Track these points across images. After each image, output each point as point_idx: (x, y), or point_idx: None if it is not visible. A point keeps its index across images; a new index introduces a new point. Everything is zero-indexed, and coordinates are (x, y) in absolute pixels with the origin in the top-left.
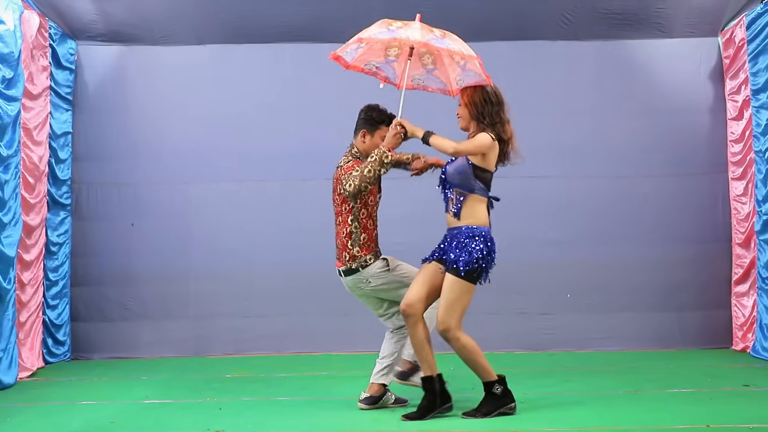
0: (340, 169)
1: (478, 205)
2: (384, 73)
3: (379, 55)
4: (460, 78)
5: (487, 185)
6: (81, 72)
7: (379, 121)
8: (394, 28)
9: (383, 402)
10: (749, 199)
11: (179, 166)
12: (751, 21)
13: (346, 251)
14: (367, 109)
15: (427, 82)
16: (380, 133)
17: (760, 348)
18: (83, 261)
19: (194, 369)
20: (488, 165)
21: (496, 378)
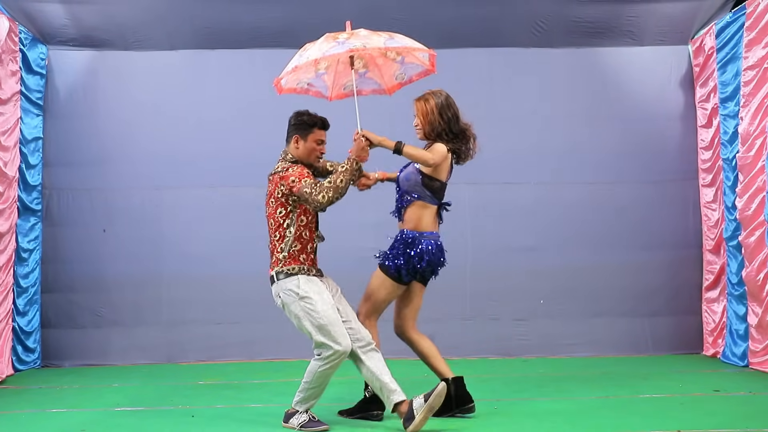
0: (278, 175)
1: (423, 211)
2: (315, 88)
3: (310, 71)
4: (399, 72)
5: (435, 193)
6: (52, 77)
7: (311, 125)
8: (344, 40)
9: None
10: (719, 206)
11: (151, 171)
12: (720, 29)
13: (276, 254)
14: (297, 115)
15: (360, 85)
16: (313, 136)
17: (729, 353)
18: (54, 267)
19: (166, 376)
20: (438, 175)
21: None
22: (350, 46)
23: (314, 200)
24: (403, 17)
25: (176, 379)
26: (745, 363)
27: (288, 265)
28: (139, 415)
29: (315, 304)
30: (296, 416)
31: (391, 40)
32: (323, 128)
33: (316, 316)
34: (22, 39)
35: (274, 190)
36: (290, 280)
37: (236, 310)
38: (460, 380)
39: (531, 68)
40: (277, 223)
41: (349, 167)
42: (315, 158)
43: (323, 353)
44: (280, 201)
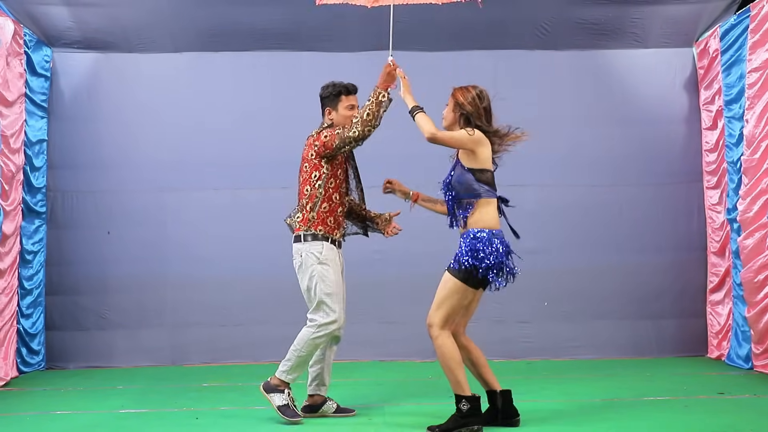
0: (310, 137)
1: (486, 208)
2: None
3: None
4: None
5: (490, 185)
6: (56, 79)
7: (337, 93)
8: None
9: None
10: (723, 208)
11: (155, 174)
12: (724, 32)
13: (304, 214)
14: (324, 88)
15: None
16: (342, 104)
17: (734, 356)
18: (58, 269)
19: (171, 378)
20: (483, 163)
21: (467, 394)
22: None
23: (347, 137)
24: (407, 19)
25: (180, 382)
26: (750, 365)
27: (316, 227)
28: (143, 417)
29: (329, 273)
30: (280, 395)
31: None
32: (350, 93)
33: (328, 283)
34: (26, 41)
35: (308, 152)
36: (315, 244)
37: (240, 313)
38: (507, 394)
39: (535, 70)
40: (309, 184)
41: (374, 97)
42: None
43: (319, 320)
44: (313, 162)
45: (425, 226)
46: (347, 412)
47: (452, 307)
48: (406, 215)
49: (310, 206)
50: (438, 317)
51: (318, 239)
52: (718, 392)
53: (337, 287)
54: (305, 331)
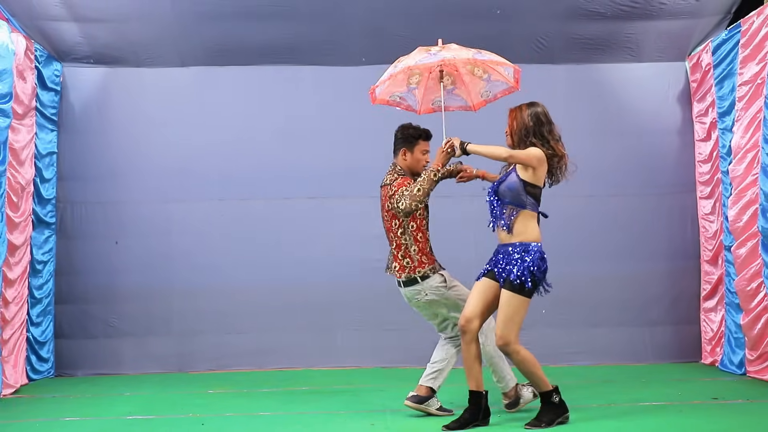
0: (388, 187)
1: (530, 221)
2: (406, 102)
3: (402, 85)
4: (485, 90)
5: (537, 200)
6: (66, 93)
7: (416, 137)
8: (436, 51)
9: (427, 405)
10: (717, 218)
11: (163, 185)
12: (716, 46)
13: (398, 262)
14: (403, 128)
15: (447, 102)
16: (419, 147)
17: (728, 362)
18: (67, 279)
19: (177, 385)
20: (537, 180)
21: (551, 388)
22: (442, 56)
23: (396, 207)
24: (408, 34)
25: (187, 388)
26: (743, 371)
27: (421, 267)
28: (150, 423)
29: (460, 287)
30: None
31: (479, 54)
32: (427, 139)
33: (463, 296)
34: (37, 56)
35: (385, 202)
36: (433, 279)
37: (245, 320)
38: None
39: (532, 84)
40: (394, 233)
41: (426, 176)
42: (422, 167)
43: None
44: (391, 213)
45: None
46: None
47: (520, 320)
48: None
49: (401, 255)
50: (512, 335)
51: (428, 275)
52: (712, 397)
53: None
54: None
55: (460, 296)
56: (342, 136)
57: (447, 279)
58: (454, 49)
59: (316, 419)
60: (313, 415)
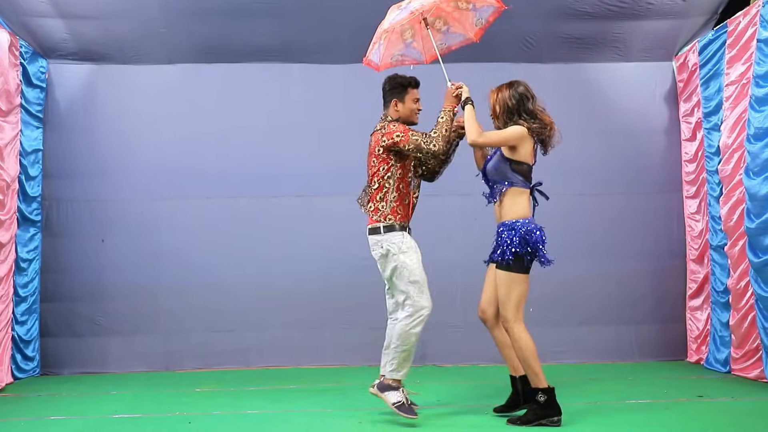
0: (378, 132)
1: (518, 197)
2: (410, 57)
3: (398, 43)
4: (477, 19)
5: (525, 177)
6: (52, 90)
7: (406, 85)
8: (405, 5)
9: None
10: (702, 217)
11: (149, 183)
12: (703, 46)
13: (374, 203)
14: (390, 80)
15: (448, 42)
16: (409, 96)
17: (713, 360)
18: (53, 277)
19: (164, 383)
20: (522, 157)
21: (544, 386)
22: (411, 7)
23: (429, 149)
24: None
25: (173, 387)
26: (728, 369)
27: (391, 218)
28: (137, 422)
29: (414, 261)
30: (395, 392)
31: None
32: (416, 86)
33: (413, 271)
34: (22, 53)
35: (375, 147)
36: (394, 234)
37: (232, 319)
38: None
39: None
40: (379, 177)
41: (448, 117)
42: (414, 116)
43: (407, 311)
44: (381, 157)
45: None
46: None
47: (519, 297)
48: None
49: (380, 196)
50: (510, 313)
51: (395, 230)
52: (697, 395)
53: (422, 273)
54: (399, 326)
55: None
56: (331, 134)
57: (405, 241)
58: None
59: (304, 417)
60: (300, 413)
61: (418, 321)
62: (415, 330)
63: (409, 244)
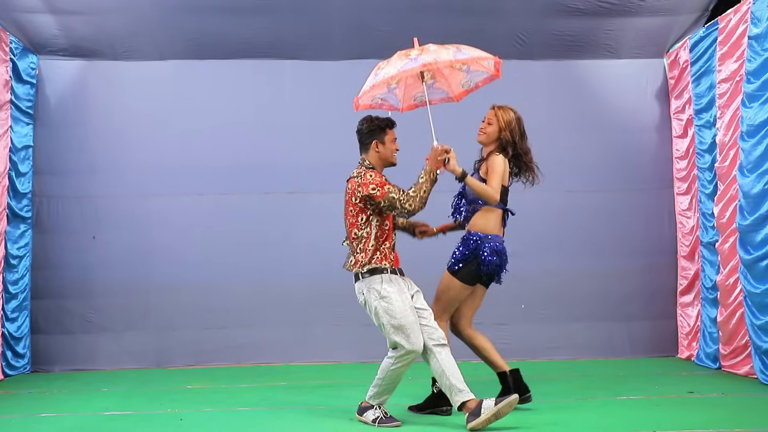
0: (354, 181)
1: (489, 215)
2: (388, 102)
3: (382, 87)
4: (466, 80)
5: (500, 198)
6: (42, 86)
7: (384, 127)
8: (414, 56)
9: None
10: (693, 214)
11: (141, 179)
12: (694, 44)
13: (354, 256)
14: (367, 122)
15: (429, 96)
16: (389, 137)
17: (703, 356)
18: (44, 274)
19: (155, 380)
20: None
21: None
22: (423, 61)
23: (403, 208)
24: (388, 29)
25: (165, 384)
26: (718, 365)
27: (371, 264)
28: (128, 419)
29: (394, 305)
30: (371, 411)
31: (459, 52)
32: (393, 127)
33: (394, 315)
34: (12, 49)
35: (351, 197)
36: (374, 279)
37: (224, 316)
38: (516, 372)
39: (512, 80)
40: (359, 227)
41: (429, 178)
42: (394, 157)
43: (396, 353)
44: (359, 207)
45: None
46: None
47: (448, 301)
48: None
49: (359, 248)
50: (437, 310)
51: (376, 273)
52: (687, 391)
53: (405, 315)
54: (386, 362)
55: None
56: (322, 131)
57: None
58: (433, 51)
59: (296, 414)
60: (292, 410)
61: (404, 363)
62: (398, 370)
63: (390, 289)
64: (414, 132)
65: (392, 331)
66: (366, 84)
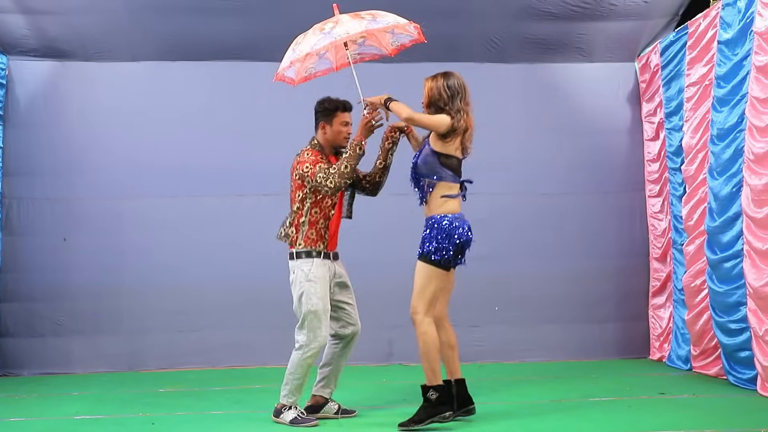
0: (298, 157)
1: (447, 192)
2: (322, 68)
3: (312, 58)
4: (393, 40)
5: (454, 171)
6: (12, 87)
7: (333, 109)
8: (329, 30)
9: (325, 411)
10: (665, 216)
11: (112, 181)
12: (664, 47)
13: (284, 228)
14: (319, 103)
15: (362, 51)
16: (337, 120)
17: (675, 357)
18: (13, 276)
19: (127, 384)
20: (450, 150)
21: (438, 383)
22: (335, 36)
23: (325, 186)
24: None
25: (137, 387)
26: (689, 366)
27: (306, 246)
28: (99, 423)
29: (317, 290)
30: (286, 412)
31: (374, 21)
32: (345, 110)
33: (313, 300)
34: None
35: (292, 172)
36: (306, 261)
37: (196, 318)
38: (462, 383)
39: (485, 83)
40: (296, 204)
41: (352, 152)
42: (343, 139)
43: (302, 341)
44: (297, 183)
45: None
46: (349, 413)
47: (433, 293)
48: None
49: (302, 223)
50: (420, 305)
51: (310, 256)
52: (659, 392)
53: (318, 304)
54: (294, 354)
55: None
56: (296, 132)
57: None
58: (346, 22)
59: (269, 417)
60: (266, 413)
61: (310, 354)
62: (307, 361)
63: (318, 273)
64: None
65: (305, 315)
66: (284, 60)
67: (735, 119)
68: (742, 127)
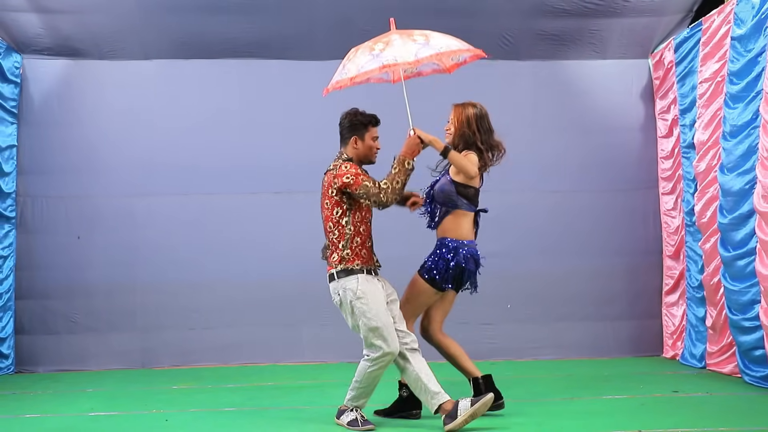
0: (330, 173)
1: (461, 219)
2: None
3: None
4: (453, 57)
5: (470, 200)
6: (26, 85)
7: (366, 123)
8: (378, 52)
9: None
10: (678, 214)
11: (126, 179)
12: (678, 44)
13: (338, 252)
14: (350, 116)
15: (420, 68)
16: (369, 134)
17: (688, 355)
18: (28, 274)
19: (141, 381)
20: (472, 182)
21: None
22: (383, 60)
23: (376, 200)
24: (374, 28)
25: (150, 384)
26: (703, 364)
27: (350, 263)
28: (113, 419)
29: (370, 306)
30: (346, 413)
31: (426, 46)
32: (376, 125)
33: (370, 317)
34: None
35: (328, 189)
36: (350, 279)
37: (209, 316)
38: (488, 378)
39: (498, 80)
40: (335, 222)
41: (403, 168)
42: (374, 155)
43: (372, 354)
44: (334, 200)
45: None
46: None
47: (417, 306)
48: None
49: (342, 244)
50: (406, 313)
51: (353, 273)
52: (673, 390)
53: (381, 317)
54: (363, 364)
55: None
56: (308, 130)
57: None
58: (397, 46)
59: (282, 414)
60: (278, 410)
61: (379, 366)
62: (374, 373)
63: (366, 289)
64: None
65: (368, 333)
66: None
67: (749, 116)
68: (756, 124)
